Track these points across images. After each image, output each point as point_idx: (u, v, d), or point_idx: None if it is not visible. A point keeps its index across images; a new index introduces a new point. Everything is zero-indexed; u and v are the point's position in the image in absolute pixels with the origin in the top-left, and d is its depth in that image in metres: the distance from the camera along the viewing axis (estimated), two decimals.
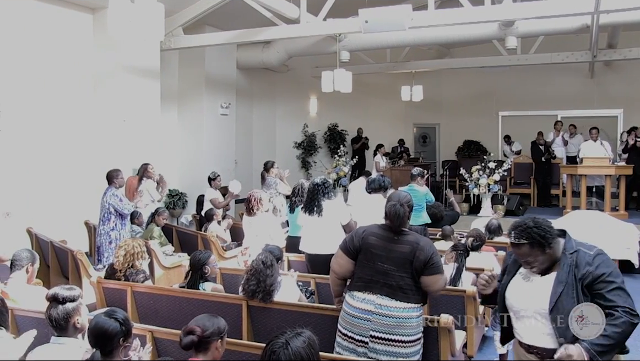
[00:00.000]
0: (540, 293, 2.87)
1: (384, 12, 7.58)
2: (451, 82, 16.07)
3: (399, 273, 3.53)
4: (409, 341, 3.53)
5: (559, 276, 2.83)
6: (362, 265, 3.64)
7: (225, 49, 11.31)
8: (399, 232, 3.63)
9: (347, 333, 3.61)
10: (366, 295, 3.58)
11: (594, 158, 10.56)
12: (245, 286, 4.24)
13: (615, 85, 14.69)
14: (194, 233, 8.36)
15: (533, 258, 2.84)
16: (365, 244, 3.65)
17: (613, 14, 8.65)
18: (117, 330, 2.82)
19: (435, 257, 3.58)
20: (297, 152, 14.60)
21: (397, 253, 3.56)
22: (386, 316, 3.51)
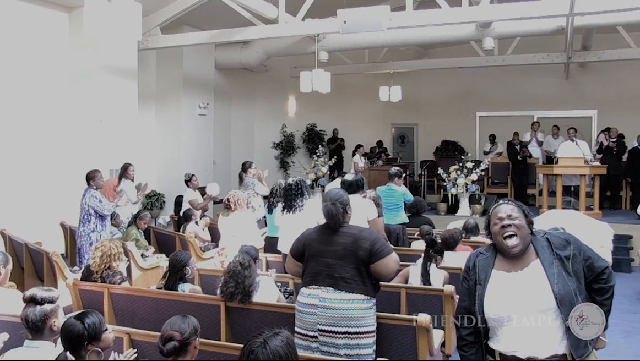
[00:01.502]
0: (534, 284, 2.58)
1: (363, 12, 7.59)
2: (429, 83, 16.16)
3: (341, 264, 3.58)
4: (357, 333, 3.55)
5: (544, 259, 2.62)
6: (308, 262, 3.72)
7: (203, 49, 11.25)
8: (338, 228, 3.68)
9: (299, 331, 3.67)
10: (311, 290, 3.64)
11: (569, 158, 10.69)
12: (223, 289, 4.23)
13: (589, 86, 14.89)
14: (172, 234, 8.32)
15: (518, 221, 2.63)
16: (308, 242, 3.74)
17: (587, 16, 8.79)
18: (80, 332, 2.80)
19: (378, 242, 3.61)
20: (275, 153, 14.58)
21: (338, 246, 3.61)
22: (330, 309, 3.55)
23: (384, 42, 11.04)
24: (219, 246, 6.49)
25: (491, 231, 2.72)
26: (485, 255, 2.77)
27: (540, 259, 2.62)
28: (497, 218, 2.68)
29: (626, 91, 14.44)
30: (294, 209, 5.69)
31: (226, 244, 6.10)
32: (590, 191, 10.95)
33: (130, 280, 6.05)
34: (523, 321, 2.56)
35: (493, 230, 2.70)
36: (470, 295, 2.74)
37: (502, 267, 2.69)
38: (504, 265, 2.69)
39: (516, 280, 2.62)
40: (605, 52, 11.65)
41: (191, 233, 7.75)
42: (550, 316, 2.54)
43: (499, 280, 2.66)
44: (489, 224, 2.75)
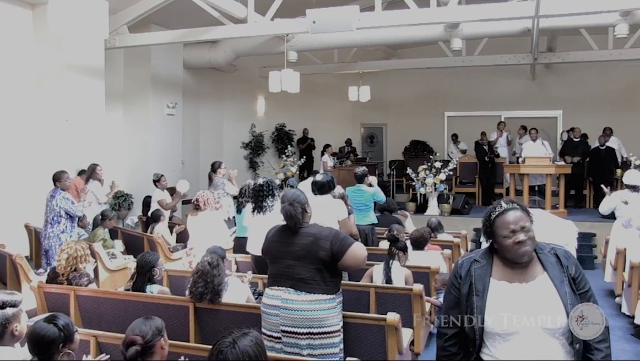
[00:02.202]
0: (544, 300, 2.38)
1: (332, 12, 7.61)
2: (398, 83, 16.26)
3: (300, 265, 3.59)
4: (320, 333, 3.56)
5: (553, 276, 2.42)
6: (271, 264, 3.75)
7: (171, 48, 11.15)
8: (298, 229, 3.69)
9: (264, 331, 3.68)
10: (274, 291, 3.65)
11: (535, 158, 10.88)
12: (192, 289, 4.21)
13: (555, 87, 15.17)
14: (140, 235, 8.24)
15: (532, 233, 2.41)
16: (269, 244, 3.78)
17: (552, 18, 8.96)
18: (55, 335, 2.75)
19: (337, 238, 3.61)
20: (244, 152, 14.51)
21: (298, 247, 3.62)
22: (292, 310, 3.56)
23: (353, 42, 11.08)
24: (187, 246, 6.45)
25: (498, 242, 2.44)
26: (480, 262, 2.52)
27: (550, 275, 2.43)
28: (508, 230, 2.40)
29: (590, 92, 14.75)
30: (264, 210, 5.66)
31: (195, 244, 6.06)
32: (556, 190, 11.16)
33: (97, 282, 5.97)
34: (530, 339, 2.36)
35: (504, 243, 2.41)
36: (461, 305, 2.52)
37: (502, 276, 2.47)
38: (505, 274, 2.47)
39: (522, 293, 2.41)
40: (570, 53, 11.88)
41: (159, 233, 7.68)
42: (559, 340, 2.38)
43: (501, 292, 2.44)
44: (492, 231, 2.47)
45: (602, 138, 12.17)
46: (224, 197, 8.56)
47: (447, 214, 11.31)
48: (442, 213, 11.29)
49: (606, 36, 11.31)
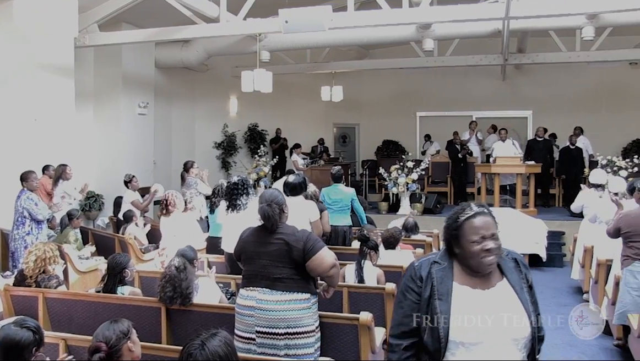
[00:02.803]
0: (508, 309, 2.25)
1: (304, 12, 7.61)
2: (371, 83, 16.32)
3: (276, 265, 3.60)
4: (295, 333, 3.57)
5: (514, 282, 2.31)
6: (245, 264, 3.76)
7: (143, 47, 11.04)
8: (274, 229, 3.70)
9: (239, 333, 3.67)
10: (249, 292, 3.65)
11: (506, 158, 11.04)
12: (161, 294, 4.17)
13: (525, 88, 15.37)
14: (111, 236, 8.14)
15: (500, 240, 2.26)
16: (244, 244, 3.78)
17: (522, 20, 9.09)
18: (29, 340, 2.69)
19: (309, 240, 3.63)
20: (217, 152, 14.45)
21: (273, 247, 3.63)
22: (267, 310, 3.56)
23: (325, 42, 11.10)
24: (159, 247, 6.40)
25: (463, 246, 2.27)
26: (441, 264, 2.34)
27: (510, 281, 2.31)
28: (477, 235, 2.23)
29: (558, 92, 14.98)
30: (238, 208, 5.64)
31: (167, 244, 6.02)
32: (526, 189, 11.32)
33: (67, 284, 5.89)
34: (495, 349, 2.21)
35: (470, 249, 2.24)
36: (420, 310, 2.30)
37: (464, 280, 2.30)
38: (465, 279, 2.31)
39: (485, 300, 2.26)
40: (539, 54, 12.07)
41: (131, 234, 7.61)
42: (522, 352, 2.25)
43: (465, 297, 2.27)
44: (457, 235, 2.29)
45: (572, 138, 12.38)
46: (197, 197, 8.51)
47: (419, 214, 11.38)
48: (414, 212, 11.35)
49: (574, 38, 11.53)
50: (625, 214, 5.29)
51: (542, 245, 9.28)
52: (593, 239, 6.90)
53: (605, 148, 12.02)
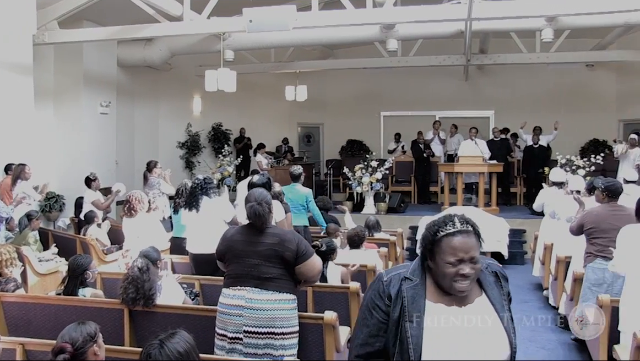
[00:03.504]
0: (487, 328, 2.06)
1: (268, 12, 7.60)
2: (335, 83, 16.36)
3: (267, 264, 3.60)
4: (282, 333, 3.60)
5: (494, 299, 2.13)
6: (231, 263, 3.72)
7: (104, 45, 10.86)
8: (263, 228, 3.70)
9: (220, 332, 3.65)
10: (236, 291, 3.63)
11: (469, 157, 11.20)
12: (124, 296, 4.12)
13: (487, 88, 15.60)
14: (73, 237, 8.01)
15: (477, 258, 2.06)
16: (231, 243, 3.73)
17: (484, 21, 9.23)
18: None
19: (302, 244, 3.68)
20: (180, 152, 14.31)
21: (264, 246, 3.63)
22: (258, 310, 3.56)
23: (290, 41, 11.10)
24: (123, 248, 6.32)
25: (438, 264, 2.07)
26: (412, 280, 2.12)
27: (490, 297, 2.13)
28: (454, 257, 2.03)
29: (520, 93, 15.25)
30: (198, 207, 5.59)
31: (131, 246, 5.95)
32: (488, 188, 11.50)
33: (25, 287, 5.77)
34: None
35: (444, 270, 2.05)
36: (388, 333, 2.11)
37: (437, 298, 2.10)
38: (440, 296, 2.11)
39: (462, 319, 2.06)
40: (500, 55, 12.28)
41: (92, 235, 7.50)
42: None
43: (439, 317, 2.06)
44: (433, 250, 2.09)
45: (534, 138, 12.61)
46: (160, 197, 8.43)
47: (384, 213, 11.47)
48: (378, 211, 11.44)
49: (534, 40, 11.77)
50: (589, 212, 5.40)
51: (504, 243, 9.44)
52: (553, 237, 7.04)
53: (564, 148, 12.28)
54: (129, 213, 6.12)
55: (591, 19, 9.14)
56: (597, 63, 14.29)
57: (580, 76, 14.88)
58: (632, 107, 14.30)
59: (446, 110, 15.88)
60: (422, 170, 13.33)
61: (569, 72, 14.50)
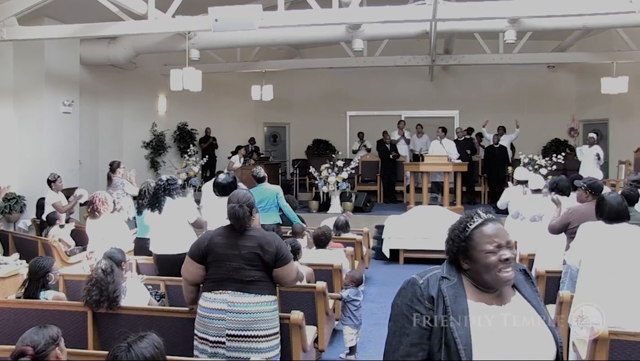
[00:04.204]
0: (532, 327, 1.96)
1: (234, 11, 7.56)
2: (301, 82, 16.36)
3: (248, 268, 3.59)
4: (266, 335, 3.59)
5: (530, 297, 2.05)
6: (212, 266, 3.66)
7: (67, 43, 10.66)
8: (243, 231, 3.68)
9: (202, 336, 3.61)
10: (217, 295, 3.59)
11: (434, 156, 11.33)
12: (87, 298, 4.06)
13: (452, 88, 15.80)
14: (34, 239, 7.86)
15: (512, 243, 2.03)
16: (212, 245, 3.66)
17: (448, 22, 9.36)
18: None
19: (283, 248, 3.69)
20: (145, 152, 14.16)
21: (245, 249, 3.61)
22: (240, 313, 3.54)
23: (256, 41, 11.07)
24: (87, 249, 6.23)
25: (477, 259, 1.98)
26: (450, 280, 2.01)
27: (525, 295, 2.05)
28: (492, 244, 1.96)
29: (484, 93, 15.48)
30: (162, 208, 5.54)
31: (95, 247, 5.86)
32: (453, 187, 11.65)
33: None
34: None
35: (485, 261, 1.96)
36: (430, 337, 1.95)
37: (478, 297, 2.00)
38: (479, 295, 2.01)
39: (505, 318, 1.96)
40: (465, 56, 12.46)
41: (55, 237, 7.36)
42: None
43: (483, 316, 1.94)
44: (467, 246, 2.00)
45: (496, 137, 12.82)
46: (124, 198, 8.33)
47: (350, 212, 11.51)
48: (344, 211, 11.47)
49: (497, 41, 11.96)
50: (575, 209, 5.41)
51: None
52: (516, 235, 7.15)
53: (527, 147, 12.52)
54: (92, 214, 6.03)
55: (551, 21, 9.37)
56: (558, 64, 14.66)
57: (542, 77, 15.22)
58: (591, 108, 14.69)
59: (412, 110, 16.02)
60: (388, 169, 13.44)
61: (531, 73, 14.84)
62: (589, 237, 4.33)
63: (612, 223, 4.28)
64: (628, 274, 4.08)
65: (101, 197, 6.09)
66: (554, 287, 5.28)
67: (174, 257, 5.23)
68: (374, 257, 9.78)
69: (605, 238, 4.26)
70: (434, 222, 9.49)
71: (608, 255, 4.18)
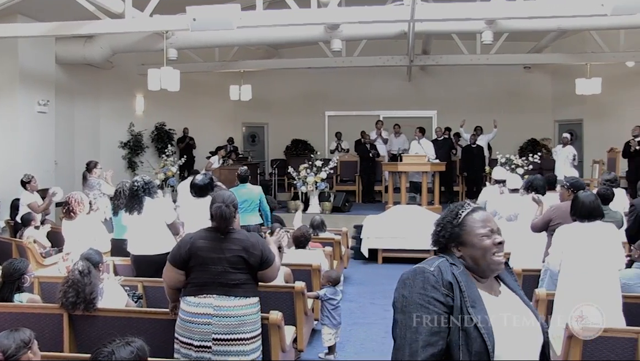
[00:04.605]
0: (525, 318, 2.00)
1: (212, 10, 7.52)
2: (279, 82, 16.33)
3: (233, 271, 3.57)
4: (250, 338, 3.59)
5: (515, 288, 2.10)
6: (195, 270, 3.61)
7: (41, 42, 10.53)
8: (227, 232, 3.65)
9: (185, 341, 3.56)
10: (202, 299, 3.56)
11: (412, 156, 11.40)
12: (63, 300, 4.00)
13: (430, 88, 15.90)
14: (8, 241, 7.75)
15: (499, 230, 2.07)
16: (194, 249, 3.62)
17: (426, 23, 9.42)
18: None
19: (266, 249, 3.69)
20: (123, 152, 14.01)
21: (229, 253, 3.59)
22: (226, 317, 3.52)
23: (234, 41, 11.03)
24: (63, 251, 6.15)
25: (472, 244, 2.01)
26: (458, 267, 1.99)
27: (509, 286, 2.09)
28: (485, 228, 2.01)
29: (461, 93, 15.60)
30: (140, 207, 5.49)
31: (72, 249, 5.80)
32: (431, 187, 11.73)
33: None
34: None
35: (481, 244, 1.99)
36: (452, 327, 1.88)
37: (481, 286, 2.01)
38: (479, 284, 2.02)
39: (505, 309, 1.97)
40: (443, 56, 12.54)
41: (30, 238, 7.26)
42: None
43: (489, 304, 1.95)
44: (459, 233, 2.03)
45: (473, 137, 12.93)
46: (100, 198, 8.25)
47: (328, 212, 11.54)
48: (323, 211, 11.50)
49: (475, 42, 12.06)
50: (557, 207, 5.47)
51: None
52: None
53: (504, 147, 12.66)
54: (68, 215, 5.95)
55: (527, 22, 9.48)
56: (534, 65, 14.84)
57: (518, 78, 15.40)
58: (566, 108, 14.92)
59: (390, 110, 16.10)
60: (367, 169, 13.48)
61: (508, 74, 15.00)
62: (566, 239, 4.41)
63: (586, 221, 4.38)
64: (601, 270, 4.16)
65: (77, 197, 6.02)
66: (530, 286, 5.33)
67: (152, 258, 5.21)
68: (352, 257, 9.81)
69: (580, 237, 4.34)
70: (412, 222, 9.56)
71: (583, 253, 4.25)
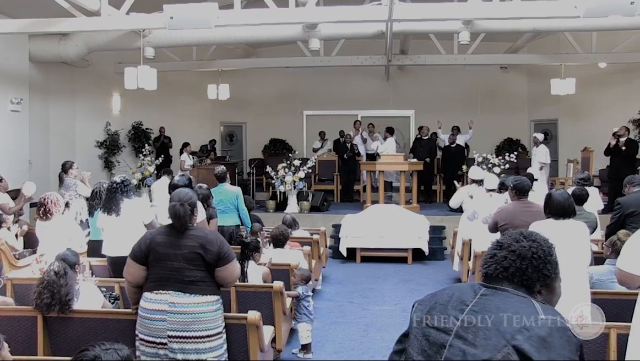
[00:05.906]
0: None
1: (190, 9, 7.47)
2: (258, 82, 16.31)
3: (190, 268, 3.56)
4: (207, 336, 3.57)
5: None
6: (153, 266, 3.63)
7: (14, 39, 10.36)
8: (184, 230, 3.65)
9: (145, 338, 3.57)
10: (158, 295, 3.56)
11: (390, 155, 11.45)
12: (37, 301, 3.94)
13: (407, 88, 15.99)
14: None
15: None
16: (153, 245, 3.63)
17: (404, 23, 9.46)
18: None
19: (225, 247, 3.66)
20: (99, 152, 13.84)
21: (186, 249, 3.59)
22: (181, 314, 3.52)
23: (212, 39, 10.97)
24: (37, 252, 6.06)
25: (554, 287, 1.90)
26: None
27: None
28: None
29: (439, 93, 15.72)
30: (117, 208, 5.43)
31: (46, 250, 5.71)
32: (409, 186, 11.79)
33: None
34: None
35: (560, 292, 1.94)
36: None
37: None
38: None
39: None
40: (420, 56, 12.59)
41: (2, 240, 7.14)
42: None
43: None
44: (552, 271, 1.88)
45: (451, 137, 13.03)
46: (76, 199, 8.15)
47: (307, 211, 11.54)
48: (301, 210, 11.50)
49: (452, 42, 12.14)
50: (502, 209, 5.59)
51: (425, 240, 9.69)
52: (471, 233, 7.29)
53: (481, 146, 12.79)
54: (44, 216, 5.86)
55: (503, 23, 9.59)
56: (510, 65, 15.01)
57: (495, 78, 15.56)
58: (542, 108, 15.11)
59: (368, 109, 16.16)
60: (346, 168, 13.51)
61: (485, 74, 15.14)
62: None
63: (559, 218, 4.48)
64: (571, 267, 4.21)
65: (53, 198, 5.92)
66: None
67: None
68: (331, 256, 9.82)
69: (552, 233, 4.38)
70: (390, 221, 9.61)
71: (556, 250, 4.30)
